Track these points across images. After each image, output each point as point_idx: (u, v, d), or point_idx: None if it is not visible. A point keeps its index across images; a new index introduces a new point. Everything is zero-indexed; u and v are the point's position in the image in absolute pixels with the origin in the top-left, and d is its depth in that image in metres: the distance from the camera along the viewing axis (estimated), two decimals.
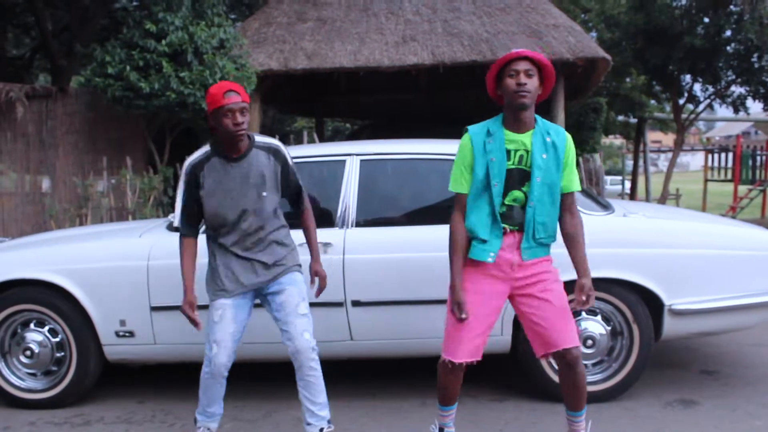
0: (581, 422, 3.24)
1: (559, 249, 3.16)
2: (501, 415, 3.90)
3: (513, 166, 3.03)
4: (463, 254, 3.08)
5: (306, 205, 3.50)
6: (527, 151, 3.03)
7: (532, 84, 2.99)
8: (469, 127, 3.15)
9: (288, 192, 3.42)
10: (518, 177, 3.04)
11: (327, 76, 12.07)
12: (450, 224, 3.12)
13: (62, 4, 12.19)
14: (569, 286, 3.32)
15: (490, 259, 3.05)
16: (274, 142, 3.37)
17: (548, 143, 3.05)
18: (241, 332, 3.37)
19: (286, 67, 10.71)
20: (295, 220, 3.50)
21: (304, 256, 3.52)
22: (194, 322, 3.28)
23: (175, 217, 3.34)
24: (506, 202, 3.05)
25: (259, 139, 3.34)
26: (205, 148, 3.31)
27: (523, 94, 2.97)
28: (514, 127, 3.05)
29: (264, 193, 3.26)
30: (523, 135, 3.04)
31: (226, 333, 3.28)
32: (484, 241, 3.06)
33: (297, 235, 3.53)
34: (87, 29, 11.81)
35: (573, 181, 3.13)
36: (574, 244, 3.13)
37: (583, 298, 3.07)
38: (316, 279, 3.48)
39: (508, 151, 3.04)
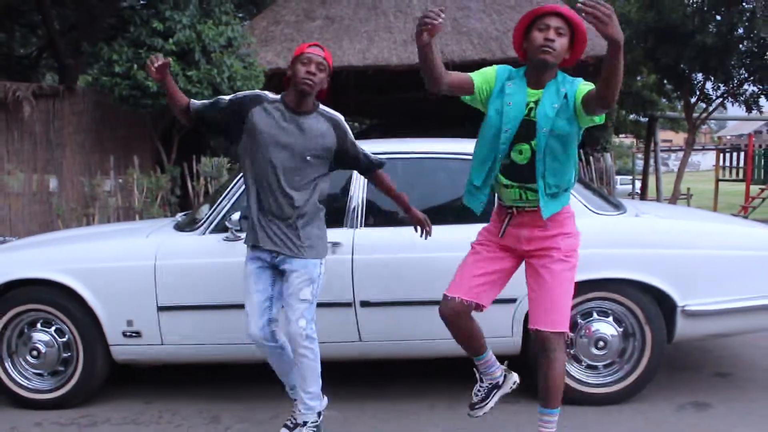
0: (550, 424, 3.11)
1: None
2: (512, 418, 3.88)
3: (525, 118, 2.92)
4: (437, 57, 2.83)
5: (376, 163, 3.49)
6: (537, 102, 2.92)
7: (560, 43, 2.83)
8: (499, 67, 3.04)
9: (349, 162, 3.44)
10: (527, 129, 2.92)
11: (335, 75, 12.07)
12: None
13: (69, 3, 12.22)
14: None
15: (479, 209, 3.08)
16: (337, 114, 3.37)
17: (561, 93, 2.90)
18: (272, 300, 3.37)
19: None
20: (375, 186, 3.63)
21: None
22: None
23: (198, 100, 3.40)
24: (511, 155, 2.97)
25: (324, 108, 3.35)
26: (273, 95, 3.35)
27: (549, 49, 2.81)
28: (533, 83, 2.94)
29: (309, 158, 3.25)
30: (540, 91, 2.93)
31: (252, 303, 3.33)
32: (477, 188, 3.05)
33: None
34: (94, 28, 11.82)
35: (587, 88, 2.87)
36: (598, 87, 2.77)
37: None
38: (419, 227, 3.60)
39: (527, 102, 2.93)
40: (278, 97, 3.32)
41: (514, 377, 3.45)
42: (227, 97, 3.34)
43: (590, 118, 2.89)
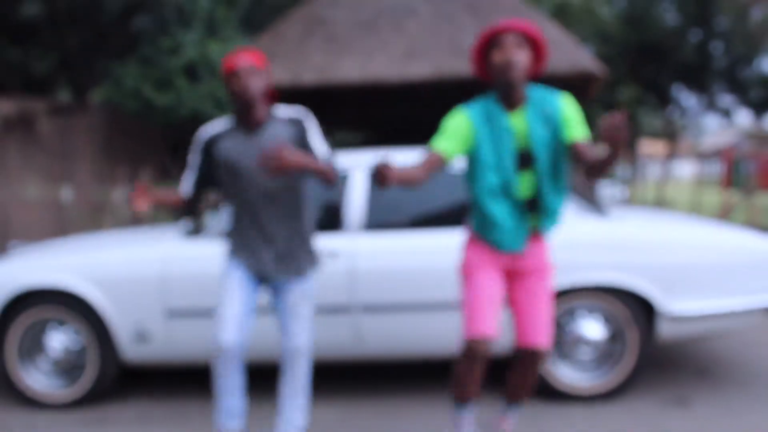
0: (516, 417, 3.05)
1: None
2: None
3: (519, 148, 2.72)
4: (411, 168, 2.61)
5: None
6: (526, 130, 2.70)
7: (522, 58, 2.60)
8: (463, 107, 2.78)
9: None
10: (524, 158, 2.72)
11: (335, 90, 12.08)
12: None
13: (83, 22, 12.23)
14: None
15: (523, 247, 2.79)
16: (298, 111, 3.05)
17: (544, 116, 2.70)
18: (251, 312, 3.07)
19: (295, 82, 10.72)
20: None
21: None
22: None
23: (183, 183, 3.15)
24: (522, 186, 2.76)
25: (282, 110, 3.05)
26: (226, 119, 3.09)
27: (513, 69, 2.59)
28: (508, 105, 2.70)
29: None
30: (519, 112, 2.70)
31: (231, 311, 2.97)
32: (508, 230, 2.76)
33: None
34: (106, 46, 11.84)
35: (576, 131, 2.69)
36: (594, 156, 2.60)
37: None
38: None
39: (516, 132, 2.72)
40: (228, 121, 3.07)
41: None
42: (194, 157, 3.08)
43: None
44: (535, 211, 2.80)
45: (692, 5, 13.23)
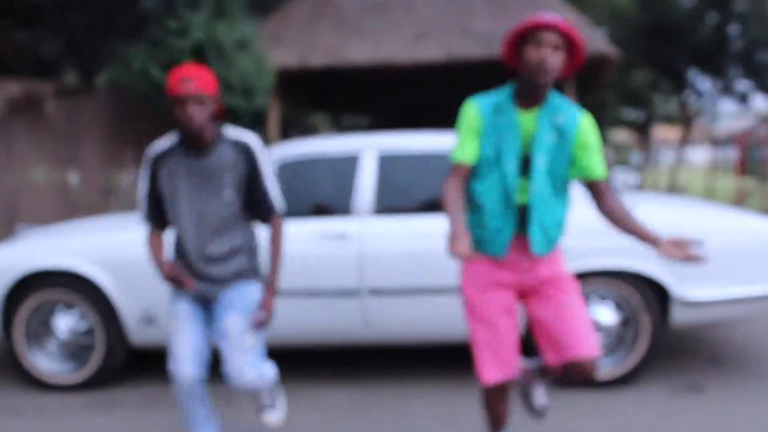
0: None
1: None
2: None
3: (523, 149, 2.54)
4: (461, 209, 2.48)
5: (275, 214, 2.84)
6: (534, 132, 2.52)
7: (556, 60, 2.43)
8: (473, 99, 2.62)
9: (252, 197, 2.81)
10: (526, 161, 2.54)
11: (344, 73, 12.05)
12: (443, 189, 2.52)
13: (90, 4, 12.23)
14: None
15: (504, 253, 2.56)
16: (246, 137, 2.81)
17: (555, 124, 2.52)
18: (208, 340, 2.87)
19: (304, 64, 10.70)
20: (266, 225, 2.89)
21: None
22: (184, 283, 2.77)
23: (140, 211, 2.91)
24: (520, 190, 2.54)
25: (230, 132, 2.81)
26: (172, 138, 2.84)
27: (545, 72, 2.41)
28: (525, 103, 2.53)
29: (226, 196, 2.76)
30: (531, 113, 2.52)
31: (186, 345, 2.81)
32: (495, 232, 2.56)
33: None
34: (113, 28, 11.83)
35: (595, 166, 2.53)
36: (627, 219, 2.47)
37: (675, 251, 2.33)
38: (260, 312, 2.79)
39: (523, 130, 2.54)
40: (175, 142, 2.81)
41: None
42: (144, 183, 2.85)
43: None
44: (525, 220, 2.56)
45: None
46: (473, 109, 2.57)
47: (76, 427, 3.67)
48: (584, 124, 2.53)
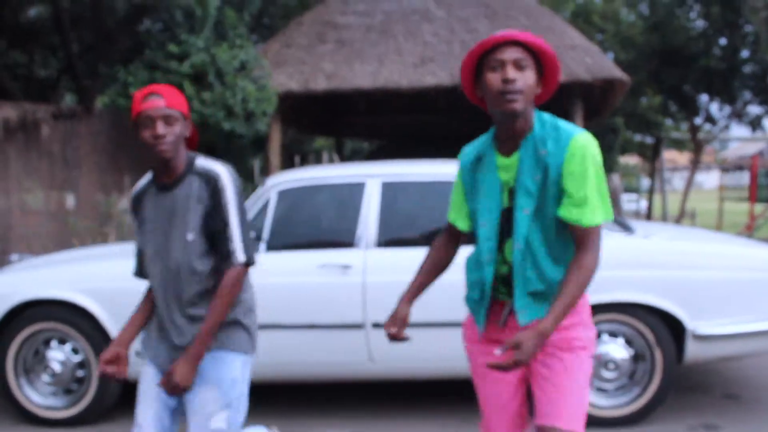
0: None
1: None
2: None
3: (504, 204, 2.15)
4: (426, 271, 2.36)
5: (233, 260, 2.33)
6: (514, 180, 2.12)
7: (525, 79, 2.01)
8: (464, 149, 2.34)
9: (210, 232, 2.36)
10: (507, 217, 2.15)
11: (347, 97, 12.09)
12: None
13: (88, 25, 12.31)
14: None
15: (480, 328, 2.26)
16: (217, 167, 2.39)
17: (541, 157, 2.06)
18: (175, 413, 2.50)
19: (306, 88, 10.73)
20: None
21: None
22: (110, 377, 2.42)
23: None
24: (506, 254, 2.16)
25: (201, 162, 2.42)
26: (149, 174, 2.52)
27: (512, 96, 1.99)
28: (505, 144, 2.13)
29: (189, 238, 2.35)
30: (515, 155, 2.12)
31: (150, 417, 2.45)
32: (471, 300, 2.30)
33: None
34: (111, 50, 11.90)
35: (585, 210, 2.03)
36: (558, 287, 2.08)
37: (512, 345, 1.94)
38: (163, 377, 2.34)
39: (501, 183, 2.14)
40: (149, 178, 2.50)
41: None
42: (133, 224, 2.55)
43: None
44: (508, 287, 2.18)
45: (718, 10, 13.18)
46: (458, 165, 2.31)
47: None
48: (574, 147, 2.03)
